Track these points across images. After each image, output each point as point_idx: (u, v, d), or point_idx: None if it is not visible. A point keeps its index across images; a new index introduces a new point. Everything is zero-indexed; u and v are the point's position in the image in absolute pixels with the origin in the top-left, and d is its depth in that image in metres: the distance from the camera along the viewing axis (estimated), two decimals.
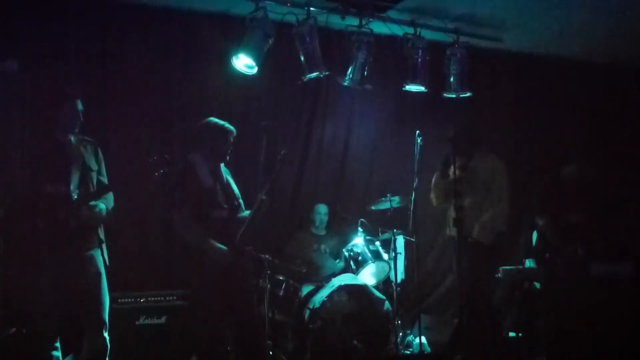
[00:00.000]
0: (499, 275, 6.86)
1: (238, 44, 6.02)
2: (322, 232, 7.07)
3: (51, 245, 4.49)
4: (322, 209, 7.06)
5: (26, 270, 4.56)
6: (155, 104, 6.67)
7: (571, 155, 7.80)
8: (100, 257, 4.74)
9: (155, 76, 6.67)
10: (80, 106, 4.74)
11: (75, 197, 4.55)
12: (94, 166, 4.77)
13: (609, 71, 8.53)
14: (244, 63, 6.08)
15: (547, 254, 6.48)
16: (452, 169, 5.53)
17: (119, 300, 5.69)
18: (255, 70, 6.12)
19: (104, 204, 4.68)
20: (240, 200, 5.01)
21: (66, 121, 4.70)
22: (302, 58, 6.19)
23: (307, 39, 6.13)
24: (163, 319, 5.81)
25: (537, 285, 6.54)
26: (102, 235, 4.76)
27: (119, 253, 5.18)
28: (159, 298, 5.87)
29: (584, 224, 6.33)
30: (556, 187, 6.47)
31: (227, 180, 4.96)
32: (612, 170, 8.35)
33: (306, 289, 6.44)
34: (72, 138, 4.73)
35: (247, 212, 4.94)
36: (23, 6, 5.99)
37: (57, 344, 4.66)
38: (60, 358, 4.73)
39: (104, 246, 4.77)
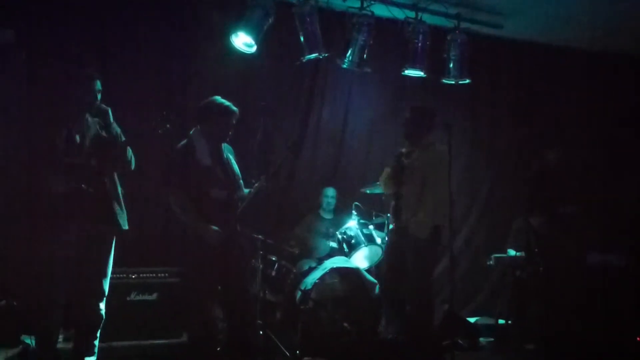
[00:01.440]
0: (491, 262, 6.90)
1: (238, 22, 5.98)
2: (330, 216, 7.08)
3: (68, 216, 4.55)
4: (330, 192, 7.07)
5: (41, 241, 4.59)
6: (154, 81, 6.64)
7: (566, 143, 7.83)
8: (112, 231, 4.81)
9: (155, 53, 6.63)
10: (99, 86, 4.76)
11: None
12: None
13: (608, 60, 8.51)
14: (243, 41, 6.05)
15: (537, 249, 6.50)
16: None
17: (111, 276, 5.70)
18: (254, 49, 6.09)
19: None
20: (241, 181, 4.99)
21: (85, 99, 4.71)
22: (302, 38, 6.16)
23: (308, 19, 6.10)
24: (155, 296, 5.82)
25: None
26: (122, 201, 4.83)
27: None
28: (151, 274, 5.88)
29: (577, 214, 6.32)
30: (545, 179, 6.44)
31: (227, 158, 4.94)
32: (607, 159, 8.38)
33: (306, 264, 6.50)
34: (88, 115, 4.75)
35: (247, 191, 4.94)
36: None
37: None
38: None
39: (122, 215, 4.82)
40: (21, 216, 5.68)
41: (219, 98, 4.91)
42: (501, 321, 6.81)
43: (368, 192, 6.91)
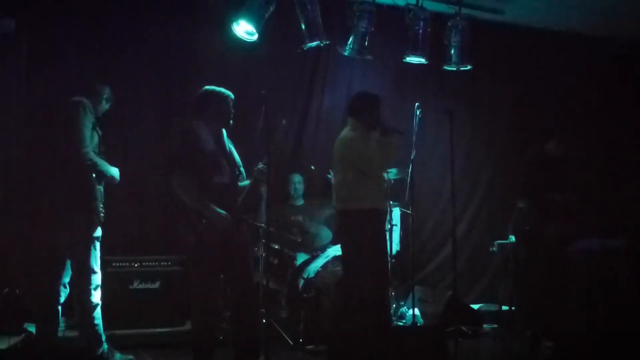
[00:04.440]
0: (494, 248, 6.90)
1: (239, 10, 5.95)
2: (300, 203, 7.06)
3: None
4: (297, 179, 7.03)
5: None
6: (154, 69, 6.63)
7: (562, 129, 7.84)
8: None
9: (155, 42, 6.64)
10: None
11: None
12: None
13: (610, 45, 8.49)
14: (244, 30, 6.02)
15: (526, 232, 6.48)
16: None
17: (114, 264, 5.73)
18: (255, 37, 6.06)
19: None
20: (242, 169, 4.98)
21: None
22: (303, 26, 6.13)
23: (309, 7, 6.06)
24: (157, 284, 5.85)
25: None
26: None
27: (114, 217, 5.18)
28: (153, 263, 5.90)
29: (566, 201, 6.28)
30: (538, 166, 6.41)
31: (229, 149, 4.93)
32: (608, 145, 8.38)
33: (301, 258, 6.44)
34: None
35: (247, 182, 4.92)
36: None
37: None
38: None
39: None
40: (23, 207, 5.75)
41: (211, 87, 4.90)
42: (504, 307, 6.81)
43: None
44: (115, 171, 5.05)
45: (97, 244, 4.92)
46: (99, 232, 4.92)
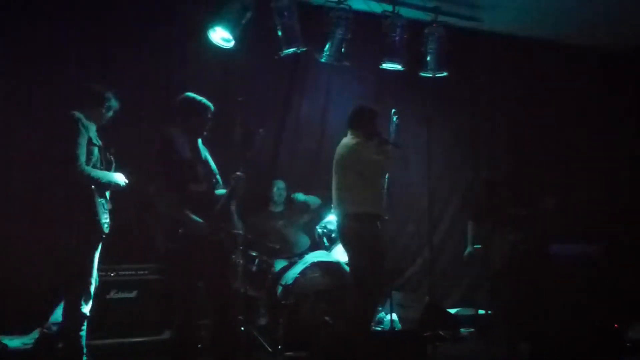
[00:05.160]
0: (470, 252, 6.96)
1: (215, 17, 5.95)
2: (280, 209, 7.05)
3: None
4: (280, 185, 7.02)
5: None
6: (132, 77, 6.59)
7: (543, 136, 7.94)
8: None
9: (131, 50, 6.59)
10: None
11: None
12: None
13: (587, 53, 8.58)
14: (220, 36, 6.02)
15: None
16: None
17: None
18: (232, 44, 6.06)
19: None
20: (218, 177, 4.97)
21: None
22: (280, 33, 6.14)
23: (286, 14, 6.09)
24: (134, 293, 5.81)
25: None
26: None
27: None
28: (130, 272, 5.86)
29: (530, 214, 6.43)
30: (488, 193, 6.55)
31: (205, 157, 4.93)
32: (585, 153, 8.48)
33: (279, 265, 6.43)
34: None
35: (224, 190, 4.90)
36: None
37: None
38: None
39: None
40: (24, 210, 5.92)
41: (191, 94, 4.89)
42: (481, 311, 6.85)
43: None
44: (117, 178, 4.99)
45: (97, 255, 4.89)
46: (99, 243, 4.90)
